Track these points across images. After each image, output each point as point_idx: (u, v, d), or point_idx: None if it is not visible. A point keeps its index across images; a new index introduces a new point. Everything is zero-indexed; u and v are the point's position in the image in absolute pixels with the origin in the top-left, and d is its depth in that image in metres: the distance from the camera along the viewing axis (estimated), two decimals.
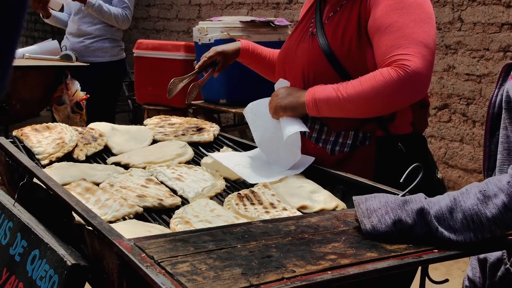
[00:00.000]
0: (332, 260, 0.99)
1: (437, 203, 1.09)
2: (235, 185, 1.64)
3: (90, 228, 1.15)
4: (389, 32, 1.53)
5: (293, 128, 1.62)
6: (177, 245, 1.02)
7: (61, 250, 1.18)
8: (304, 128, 1.64)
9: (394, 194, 1.27)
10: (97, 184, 1.52)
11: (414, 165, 1.24)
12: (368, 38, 1.60)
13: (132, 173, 1.61)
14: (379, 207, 1.10)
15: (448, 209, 1.07)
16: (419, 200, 1.10)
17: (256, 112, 1.82)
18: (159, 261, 0.95)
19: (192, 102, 4.06)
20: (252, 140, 1.91)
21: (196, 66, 1.96)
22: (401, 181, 1.24)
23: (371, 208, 1.11)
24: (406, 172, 1.24)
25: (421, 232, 1.07)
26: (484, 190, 1.07)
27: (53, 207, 1.37)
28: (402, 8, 1.55)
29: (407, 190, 1.23)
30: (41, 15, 4.21)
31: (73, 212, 1.24)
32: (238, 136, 2.88)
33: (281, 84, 1.74)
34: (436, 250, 1.06)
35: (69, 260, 1.14)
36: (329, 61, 1.63)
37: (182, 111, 4.24)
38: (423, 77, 1.50)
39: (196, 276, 0.90)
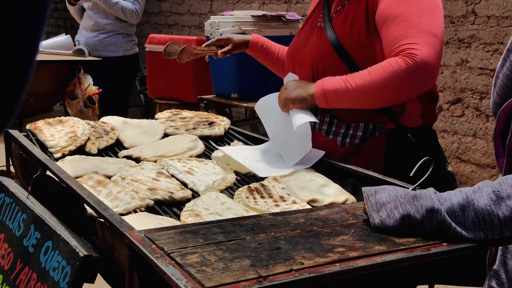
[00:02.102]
0: (341, 253, 0.99)
1: (449, 200, 1.08)
2: (245, 178, 1.65)
3: (101, 220, 1.16)
4: (397, 22, 1.53)
5: (303, 119, 1.62)
6: (187, 237, 1.03)
7: (73, 242, 1.19)
8: (314, 119, 1.65)
9: (404, 188, 1.26)
10: (109, 177, 1.54)
11: (424, 158, 1.23)
12: (376, 30, 1.60)
13: (143, 166, 1.62)
14: (389, 200, 1.10)
15: (460, 206, 1.06)
16: (429, 196, 1.08)
17: (267, 107, 1.82)
18: (169, 252, 0.96)
19: (204, 96, 4.07)
20: (263, 134, 1.91)
21: (204, 44, 2.04)
22: (411, 175, 1.24)
23: (380, 201, 1.11)
24: (417, 165, 1.23)
25: (429, 228, 1.07)
26: (498, 191, 1.05)
27: (65, 199, 1.39)
28: None
29: (417, 184, 1.23)
30: (67, 1, 4.23)
31: (85, 204, 1.26)
32: (250, 130, 2.89)
33: (290, 78, 1.74)
34: (445, 244, 1.06)
35: (81, 252, 1.15)
36: (338, 54, 1.63)
37: (193, 105, 4.25)
38: (432, 66, 1.49)
39: (206, 267, 0.91)
